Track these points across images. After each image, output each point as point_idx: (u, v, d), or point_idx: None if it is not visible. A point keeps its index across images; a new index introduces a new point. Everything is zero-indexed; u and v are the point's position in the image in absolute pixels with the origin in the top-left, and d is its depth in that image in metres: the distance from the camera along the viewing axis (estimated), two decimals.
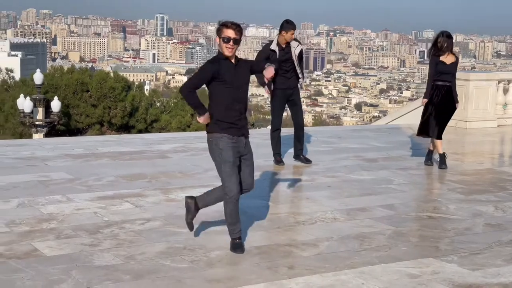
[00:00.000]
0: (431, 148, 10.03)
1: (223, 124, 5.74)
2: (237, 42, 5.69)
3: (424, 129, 9.95)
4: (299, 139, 9.71)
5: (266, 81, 6.12)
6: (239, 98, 5.78)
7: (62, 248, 5.76)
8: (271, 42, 9.57)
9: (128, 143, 11.32)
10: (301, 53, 9.53)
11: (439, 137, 9.83)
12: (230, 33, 5.66)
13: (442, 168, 9.77)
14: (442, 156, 9.84)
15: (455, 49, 10.35)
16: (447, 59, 9.77)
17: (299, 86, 9.52)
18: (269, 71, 5.81)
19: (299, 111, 9.66)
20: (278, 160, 9.65)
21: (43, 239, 5.99)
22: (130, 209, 7.12)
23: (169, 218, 6.80)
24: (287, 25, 9.31)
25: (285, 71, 9.36)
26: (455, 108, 9.91)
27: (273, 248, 5.95)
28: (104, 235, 6.18)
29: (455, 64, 9.82)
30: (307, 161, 9.71)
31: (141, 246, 5.89)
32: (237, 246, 5.85)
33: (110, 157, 9.90)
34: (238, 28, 5.73)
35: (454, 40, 10.08)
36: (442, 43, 9.71)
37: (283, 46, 9.37)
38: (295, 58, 9.37)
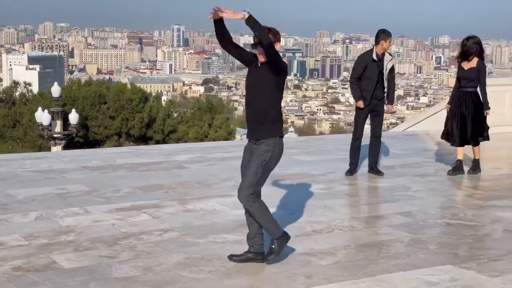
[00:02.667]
0: (459, 158, 9.81)
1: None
2: (255, 46, 5.58)
3: (446, 135, 9.89)
4: (374, 151, 9.66)
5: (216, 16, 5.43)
6: (250, 100, 5.71)
7: (80, 261, 5.79)
8: (370, 51, 9.50)
9: (145, 154, 11.37)
10: (392, 69, 9.55)
11: (474, 144, 9.77)
12: (253, 40, 5.61)
13: (469, 173, 9.76)
14: (474, 162, 9.86)
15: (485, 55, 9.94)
16: (467, 64, 9.63)
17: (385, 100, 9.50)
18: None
19: (380, 123, 9.63)
20: (351, 170, 9.60)
21: (61, 251, 6.03)
22: (147, 220, 7.15)
23: (186, 229, 6.82)
24: (383, 35, 9.27)
25: (377, 82, 9.35)
26: (479, 115, 9.67)
27: (291, 257, 5.94)
28: (122, 246, 6.21)
29: (474, 69, 9.56)
30: (379, 173, 9.61)
31: (159, 257, 5.91)
32: (286, 237, 5.83)
33: (127, 169, 9.95)
34: (270, 30, 5.60)
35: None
36: (462, 47, 9.62)
37: (380, 56, 9.36)
38: (385, 72, 9.38)
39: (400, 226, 6.98)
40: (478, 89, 9.71)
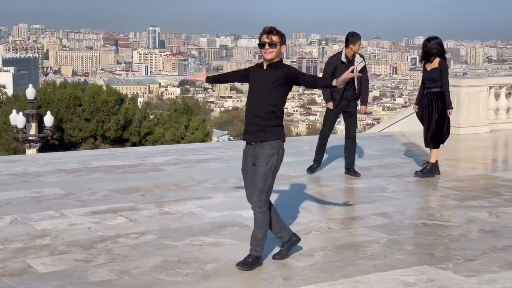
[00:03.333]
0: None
1: (245, 129, 5.80)
2: (272, 45, 5.64)
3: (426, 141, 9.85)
4: (350, 151, 9.68)
5: (341, 84, 5.61)
6: (253, 104, 5.68)
7: (56, 265, 5.73)
8: (338, 54, 9.59)
9: (122, 156, 11.30)
10: (364, 71, 9.58)
11: (432, 146, 9.74)
12: (264, 38, 5.69)
13: (416, 175, 9.66)
14: (428, 164, 9.76)
15: (446, 55, 10.05)
16: (430, 65, 9.63)
17: (358, 103, 9.60)
18: (346, 73, 5.56)
19: (353, 124, 9.69)
20: (312, 167, 9.78)
21: (37, 255, 5.96)
22: (124, 223, 7.09)
23: (163, 231, 6.78)
24: (353, 38, 9.38)
25: (346, 83, 9.33)
26: (443, 116, 9.60)
27: (268, 259, 5.93)
28: (98, 250, 6.16)
29: (436, 70, 9.53)
30: (356, 174, 9.62)
31: (135, 261, 5.87)
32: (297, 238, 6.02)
33: (103, 171, 9.88)
34: (273, 32, 5.69)
35: (445, 46, 9.89)
36: (423, 48, 9.68)
37: (350, 58, 9.42)
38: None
39: (377, 227, 7.01)
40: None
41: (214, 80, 6.29)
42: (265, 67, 5.72)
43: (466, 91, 14.40)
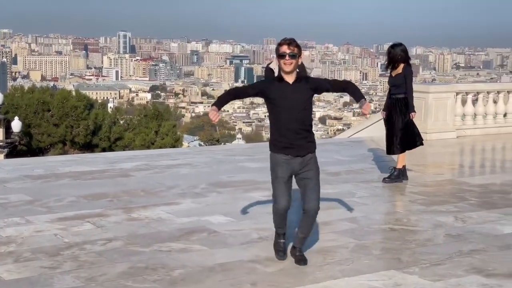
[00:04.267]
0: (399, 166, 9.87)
1: (278, 145, 5.78)
2: (293, 56, 5.67)
3: (390, 148, 9.88)
4: None
5: (366, 115, 6.18)
6: (293, 119, 5.70)
7: (21, 272, 5.66)
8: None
9: (90, 162, 11.21)
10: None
11: (399, 151, 9.80)
12: (284, 48, 5.69)
13: (385, 181, 9.73)
14: (395, 170, 9.83)
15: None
16: (395, 71, 9.70)
17: None
18: (366, 107, 5.85)
19: None
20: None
21: (2, 263, 5.88)
22: (91, 229, 7.03)
23: (131, 238, 6.73)
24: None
25: None
26: (403, 121, 9.65)
27: (236, 265, 5.93)
28: (64, 257, 6.10)
29: (401, 75, 9.60)
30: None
31: (102, 267, 5.82)
32: (279, 248, 6.07)
33: (71, 177, 9.79)
34: (293, 43, 5.73)
35: (411, 52, 10.03)
36: (387, 55, 9.77)
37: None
38: None
39: (345, 232, 7.04)
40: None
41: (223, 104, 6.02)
42: (288, 79, 5.72)
43: (433, 97, 14.57)
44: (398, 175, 9.77)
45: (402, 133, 9.71)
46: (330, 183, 9.61)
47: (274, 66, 9.47)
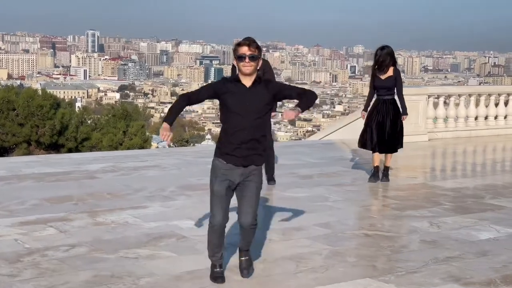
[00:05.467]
0: (376, 164, 9.89)
1: (222, 149, 5.30)
2: (253, 58, 5.21)
3: (365, 142, 9.88)
4: (269, 161, 9.13)
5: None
6: (244, 126, 5.20)
7: None
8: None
9: (55, 163, 10.85)
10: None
11: (389, 151, 9.86)
12: (244, 50, 5.22)
13: (383, 180, 9.82)
14: (386, 169, 9.96)
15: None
16: (383, 74, 9.71)
17: None
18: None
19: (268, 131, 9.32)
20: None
21: None
22: (53, 234, 6.72)
23: (95, 243, 6.44)
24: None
25: None
26: (397, 123, 9.80)
27: (205, 273, 5.67)
28: (25, 264, 5.78)
29: (391, 78, 9.70)
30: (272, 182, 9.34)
31: (64, 275, 5.52)
32: (217, 275, 5.51)
33: (34, 179, 9.44)
34: (253, 44, 5.26)
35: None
36: (376, 57, 9.72)
37: None
38: None
39: (318, 238, 6.83)
40: (395, 97, 9.80)
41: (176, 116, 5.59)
42: (245, 82, 5.25)
43: (405, 99, 14.42)
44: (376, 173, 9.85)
45: (390, 135, 9.71)
46: (301, 186, 9.41)
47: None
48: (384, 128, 9.74)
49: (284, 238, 6.82)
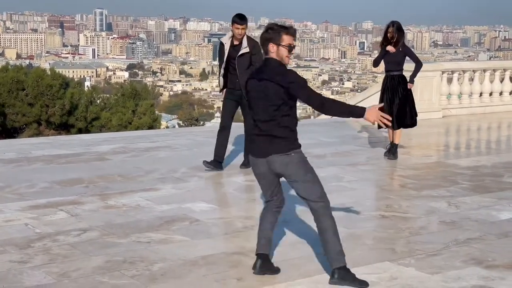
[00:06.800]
0: (391, 140, 9.86)
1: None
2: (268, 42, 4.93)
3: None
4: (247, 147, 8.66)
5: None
6: (257, 112, 4.97)
7: None
8: (225, 36, 8.74)
9: (64, 145, 10.72)
10: (243, 57, 8.45)
11: (398, 127, 9.74)
12: (291, 40, 4.88)
13: (390, 158, 9.71)
14: (394, 146, 9.83)
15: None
16: (392, 48, 9.70)
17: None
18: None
19: (248, 115, 8.69)
20: (213, 165, 8.72)
21: None
22: (64, 218, 6.59)
23: (107, 228, 6.31)
24: (233, 19, 8.47)
25: (235, 70, 8.54)
26: (406, 98, 9.78)
27: (220, 257, 5.54)
28: (35, 249, 5.66)
29: (401, 53, 9.70)
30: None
31: (76, 261, 5.39)
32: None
33: (44, 161, 9.31)
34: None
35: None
36: (392, 34, 9.67)
37: (236, 42, 8.51)
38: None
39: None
40: (403, 72, 9.85)
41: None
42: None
43: (419, 76, 14.04)
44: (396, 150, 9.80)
45: (398, 110, 9.67)
46: (316, 166, 9.19)
47: (226, 40, 8.64)
48: (392, 105, 9.64)
49: (300, 220, 6.66)
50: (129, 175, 8.55)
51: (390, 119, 5.07)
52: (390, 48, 9.55)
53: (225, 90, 8.78)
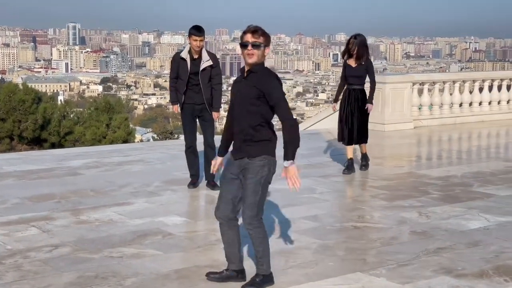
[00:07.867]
0: (350, 156, 9.79)
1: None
2: (256, 46, 4.94)
3: (342, 135, 9.82)
4: (208, 160, 8.40)
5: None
6: (235, 116, 5.13)
7: None
8: (183, 49, 8.61)
9: (36, 160, 10.65)
10: (205, 71, 8.31)
11: (360, 142, 9.75)
12: (248, 37, 4.95)
13: (362, 170, 9.78)
14: (364, 157, 9.88)
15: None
16: (354, 62, 9.59)
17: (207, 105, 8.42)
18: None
19: (208, 129, 8.49)
20: (193, 182, 8.66)
21: None
22: (36, 234, 6.56)
23: (79, 243, 6.29)
24: (191, 30, 8.28)
25: (194, 85, 8.35)
26: (365, 113, 9.70)
27: (193, 271, 5.55)
28: (6, 266, 5.62)
29: (362, 67, 9.54)
30: (215, 187, 8.27)
31: (47, 277, 5.37)
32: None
33: (15, 177, 9.25)
34: (258, 31, 4.97)
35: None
36: (352, 46, 9.54)
37: (195, 56, 8.36)
38: (200, 74, 8.32)
39: (307, 232, 6.72)
40: (365, 86, 9.73)
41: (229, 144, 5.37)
42: (245, 74, 5.06)
43: (390, 87, 14.37)
44: (350, 165, 9.73)
45: (358, 126, 9.69)
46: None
47: (186, 55, 8.42)
48: (353, 119, 9.63)
49: (272, 233, 6.69)
50: (101, 189, 8.53)
51: (299, 184, 5.04)
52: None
53: (181, 106, 8.48)
